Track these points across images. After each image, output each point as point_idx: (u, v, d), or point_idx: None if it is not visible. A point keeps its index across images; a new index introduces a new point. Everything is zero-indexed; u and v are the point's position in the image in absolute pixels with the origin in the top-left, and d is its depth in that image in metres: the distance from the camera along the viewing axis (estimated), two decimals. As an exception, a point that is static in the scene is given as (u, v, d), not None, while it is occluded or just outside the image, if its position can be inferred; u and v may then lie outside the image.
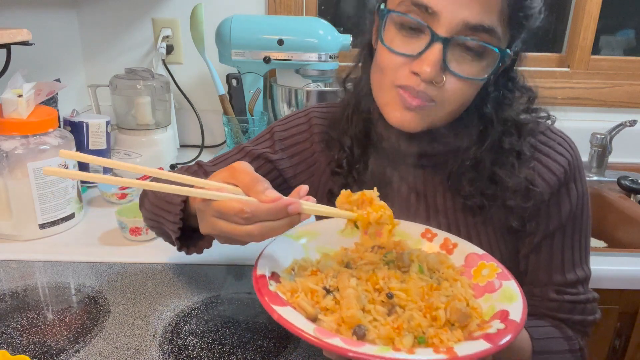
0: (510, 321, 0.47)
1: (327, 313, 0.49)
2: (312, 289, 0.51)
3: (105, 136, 1.20)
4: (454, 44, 0.59)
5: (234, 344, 0.67)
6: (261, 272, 0.53)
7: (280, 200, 0.50)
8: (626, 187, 1.34)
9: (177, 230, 0.65)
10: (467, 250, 0.61)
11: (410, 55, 0.61)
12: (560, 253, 0.72)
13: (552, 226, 0.71)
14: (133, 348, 0.65)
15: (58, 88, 1.04)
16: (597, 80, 1.53)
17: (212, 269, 0.85)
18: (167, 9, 1.45)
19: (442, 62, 0.59)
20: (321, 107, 0.82)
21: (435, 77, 0.60)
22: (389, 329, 0.47)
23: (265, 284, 0.50)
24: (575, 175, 0.71)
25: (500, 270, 0.57)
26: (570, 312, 0.72)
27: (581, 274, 0.73)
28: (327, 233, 0.64)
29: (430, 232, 0.65)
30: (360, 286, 0.52)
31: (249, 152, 0.78)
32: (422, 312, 0.50)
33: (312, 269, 0.56)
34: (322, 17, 1.46)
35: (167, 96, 1.36)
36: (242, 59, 1.31)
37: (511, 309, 0.50)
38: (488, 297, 0.54)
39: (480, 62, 0.61)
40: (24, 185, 0.90)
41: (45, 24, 1.29)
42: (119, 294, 0.77)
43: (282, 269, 0.56)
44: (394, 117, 0.65)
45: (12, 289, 0.79)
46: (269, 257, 0.56)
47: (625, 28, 1.62)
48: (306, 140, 0.79)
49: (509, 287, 0.54)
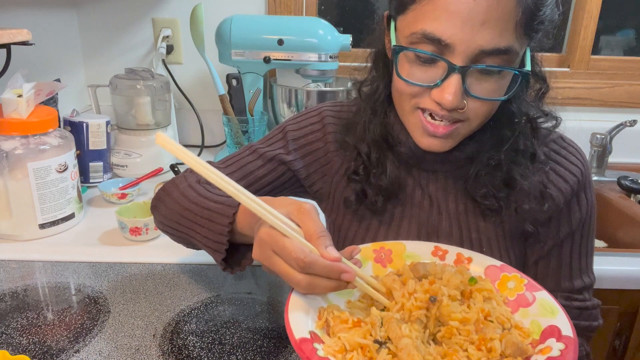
0: (566, 338, 0.47)
1: None
2: (362, 344, 0.47)
3: (105, 136, 1.20)
4: (472, 71, 0.59)
5: (234, 344, 0.67)
6: (300, 335, 0.47)
7: (340, 264, 0.49)
8: (626, 187, 1.34)
9: (223, 251, 0.61)
10: (484, 263, 0.60)
11: (429, 85, 0.61)
12: (568, 260, 0.72)
13: (563, 234, 0.71)
14: (133, 348, 0.65)
15: (58, 88, 1.04)
16: (597, 80, 1.53)
17: (212, 269, 0.85)
18: (167, 9, 1.45)
19: (462, 90, 0.59)
20: (334, 106, 0.80)
21: (458, 105, 0.59)
22: None
23: (313, 350, 0.45)
24: (586, 184, 0.72)
25: (527, 281, 0.55)
26: (578, 318, 0.72)
27: (587, 280, 0.74)
28: None
29: (440, 249, 0.63)
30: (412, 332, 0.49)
31: (263, 155, 0.76)
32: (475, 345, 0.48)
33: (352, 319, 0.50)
34: (322, 17, 1.46)
35: (167, 96, 1.36)
36: (242, 59, 1.31)
37: (559, 324, 0.49)
38: (525, 312, 0.53)
39: (501, 80, 0.60)
40: (24, 185, 0.90)
41: (45, 24, 1.29)
42: (119, 294, 0.77)
43: (314, 323, 0.50)
44: (423, 143, 0.65)
45: (12, 289, 0.79)
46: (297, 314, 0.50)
47: (625, 28, 1.62)
48: (319, 140, 0.77)
49: (544, 299, 0.53)
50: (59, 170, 0.93)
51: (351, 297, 0.56)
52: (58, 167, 0.93)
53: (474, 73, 0.59)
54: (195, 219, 0.65)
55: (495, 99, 0.61)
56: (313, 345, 0.46)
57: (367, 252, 0.62)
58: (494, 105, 0.63)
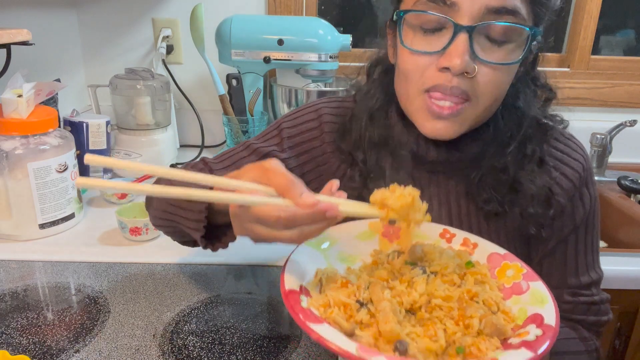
0: (546, 326, 0.47)
1: (362, 327, 0.48)
2: (345, 302, 0.50)
3: (105, 136, 1.20)
4: (479, 33, 0.58)
5: (234, 344, 0.67)
6: (290, 286, 0.50)
7: (318, 206, 0.48)
8: (626, 187, 1.34)
9: (201, 229, 0.62)
10: (488, 249, 0.60)
11: (436, 52, 0.59)
12: (574, 257, 0.72)
13: (566, 231, 0.71)
14: (133, 348, 0.65)
15: (58, 88, 1.04)
16: (597, 80, 1.53)
17: (212, 269, 0.85)
18: (167, 9, 1.45)
19: (470, 52, 0.57)
20: (331, 102, 0.78)
21: (467, 67, 0.57)
22: (427, 341, 0.46)
23: (298, 300, 0.48)
24: (587, 179, 0.71)
25: (526, 271, 0.55)
26: (585, 313, 0.72)
27: (595, 276, 0.73)
28: (346, 239, 0.62)
29: (448, 232, 0.63)
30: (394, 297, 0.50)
31: (256, 150, 0.75)
32: (455, 320, 0.49)
33: (342, 280, 0.54)
34: (322, 17, 1.46)
35: (167, 96, 1.36)
36: (242, 59, 1.31)
37: (544, 312, 0.49)
38: (517, 299, 0.53)
39: (509, 45, 0.59)
40: (24, 185, 0.90)
41: (45, 24, 1.29)
42: (119, 294, 0.77)
43: (309, 281, 0.54)
44: (426, 128, 0.63)
45: (12, 289, 0.79)
46: (293, 270, 0.53)
47: (625, 28, 1.62)
48: (316, 139, 0.76)
49: (538, 289, 0.53)
50: (59, 170, 0.93)
51: (353, 265, 0.59)
52: (58, 167, 0.93)
53: (480, 39, 0.58)
54: (180, 204, 0.65)
55: (505, 63, 0.59)
56: (299, 297, 0.49)
57: (377, 225, 0.63)
58: (503, 84, 0.61)
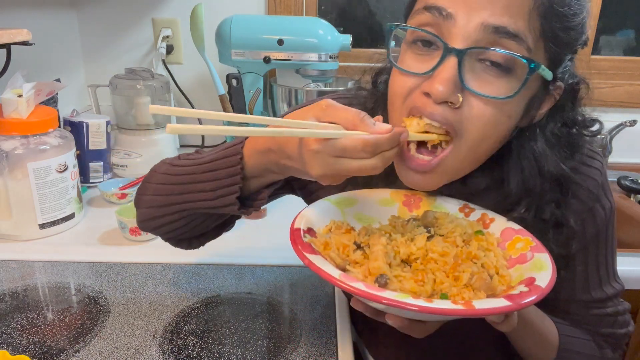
0: (535, 286, 0.46)
1: (355, 266, 0.51)
2: (344, 244, 0.52)
3: (105, 136, 1.20)
4: (473, 58, 0.51)
5: (234, 344, 0.67)
6: (297, 225, 0.54)
7: (396, 129, 0.48)
8: (626, 187, 1.34)
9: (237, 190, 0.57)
10: (503, 225, 0.59)
11: (424, 73, 0.52)
12: (583, 273, 0.67)
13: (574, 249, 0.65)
14: (133, 348, 0.65)
15: (58, 88, 1.04)
16: (597, 80, 1.53)
17: (212, 269, 0.85)
18: (167, 9, 1.45)
19: (457, 79, 0.50)
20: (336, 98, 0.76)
21: (449, 97, 0.50)
22: (412, 283, 0.48)
23: (300, 235, 0.52)
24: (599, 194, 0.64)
25: (535, 244, 0.54)
26: (598, 324, 0.69)
27: (610, 290, 0.68)
28: (367, 202, 0.63)
29: (468, 207, 0.62)
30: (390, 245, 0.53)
31: None
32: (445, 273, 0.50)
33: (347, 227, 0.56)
34: (322, 17, 1.46)
35: (167, 96, 1.36)
36: (242, 59, 1.31)
37: (538, 276, 0.48)
38: (518, 268, 0.53)
39: (509, 78, 0.51)
40: (24, 185, 0.90)
41: (45, 24, 1.29)
42: (119, 294, 0.77)
43: (320, 227, 0.57)
44: (403, 178, 0.58)
45: (12, 289, 0.79)
46: (307, 216, 0.57)
47: (625, 28, 1.62)
48: None
49: (541, 259, 0.52)
50: (59, 170, 0.93)
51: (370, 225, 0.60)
52: (58, 167, 0.93)
53: (475, 65, 0.51)
54: (195, 179, 0.60)
55: (495, 97, 0.51)
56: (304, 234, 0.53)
57: (399, 195, 0.63)
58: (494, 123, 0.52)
